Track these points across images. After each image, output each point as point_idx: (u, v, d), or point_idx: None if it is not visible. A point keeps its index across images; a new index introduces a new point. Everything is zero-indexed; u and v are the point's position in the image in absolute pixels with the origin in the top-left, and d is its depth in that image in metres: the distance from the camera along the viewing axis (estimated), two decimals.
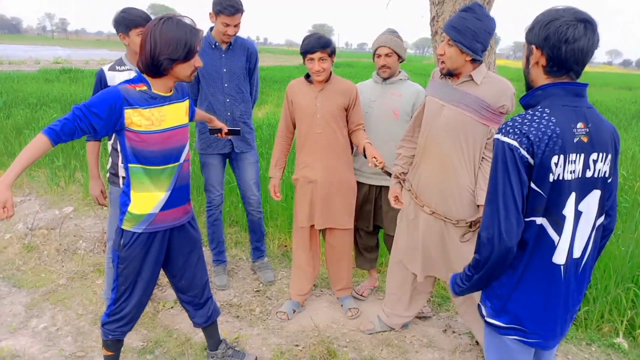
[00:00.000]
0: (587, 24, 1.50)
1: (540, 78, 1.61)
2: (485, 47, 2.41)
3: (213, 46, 3.31)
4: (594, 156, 1.56)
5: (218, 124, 2.81)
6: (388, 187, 3.15)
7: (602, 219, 1.67)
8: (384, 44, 3.01)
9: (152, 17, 2.21)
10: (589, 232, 1.63)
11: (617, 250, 3.57)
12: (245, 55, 3.41)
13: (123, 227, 2.20)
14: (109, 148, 2.93)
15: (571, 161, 1.52)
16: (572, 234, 1.59)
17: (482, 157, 2.50)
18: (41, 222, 4.71)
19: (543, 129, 1.50)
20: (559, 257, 1.59)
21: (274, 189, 3.24)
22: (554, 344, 1.73)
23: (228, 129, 2.84)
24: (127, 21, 2.70)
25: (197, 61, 2.10)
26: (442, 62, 2.45)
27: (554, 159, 1.50)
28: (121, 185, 2.85)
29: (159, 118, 2.10)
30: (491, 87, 2.44)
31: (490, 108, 2.43)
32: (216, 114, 3.36)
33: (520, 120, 1.54)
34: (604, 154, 1.58)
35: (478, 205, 2.51)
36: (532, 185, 1.53)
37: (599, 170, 1.58)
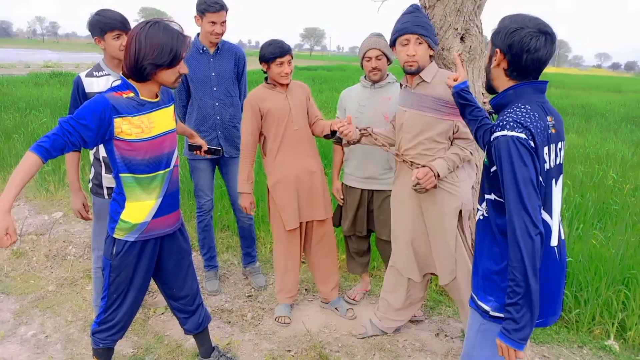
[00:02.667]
0: (548, 36, 1.63)
1: (502, 79, 1.73)
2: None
3: (201, 51, 3.30)
4: (559, 145, 1.71)
5: (198, 140, 2.77)
6: (380, 190, 3.17)
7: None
8: (374, 46, 3.02)
9: (141, 20, 2.17)
10: (559, 212, 1.75)
11: (608, 252, 3.59)
12: (233, 59, 3.41)
13: (115, 235, 2.17)
14: (91, 158, 2.80)
15: (552, 150, 1.66)
16: (559, 217, 1.72)
17: (451, 143, 2.59)
18: (30, 228, 4.66)
19: (536, 123, 1.60)
20: (554, 240, 1.70)
21: (249, 205, 3.15)
22: (554, 320, 1.80)
23: (208, 148, 2.79)
24: (101, 24, 2.56)
25: (182, 67, 2.06)
26: (413, 62, 2.49)
27: (545, 149, 1.62)
28: (105, 196, 2.76)
29: (149, 125, 2.07)
30: (444, 84, 2.46)
31: (449, 103, 2.47)
32: (205, 118, 3.35)
33: (515, 116, 1.61)
34: (563, 142, 1.74)
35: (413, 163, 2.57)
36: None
37: (562, 156, 1.75)
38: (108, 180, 2.72)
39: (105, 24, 2.56)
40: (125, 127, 2.00)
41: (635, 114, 15.37)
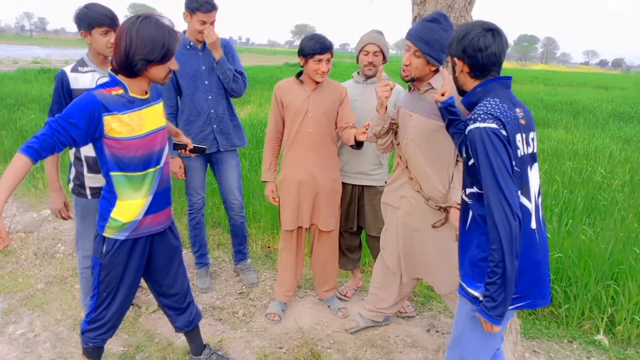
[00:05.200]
0: (494, 32, 1.78)
1: (468, 82, 1.89)
2: (447, 56, 2.41)
3: (188, 46, 3.26)
4: (531, 135, 1.82)
5: (184, 139, 2.72)
6: (370, 186, 3.17)
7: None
8: (374, 41, 3.01)
9: (129, 15, 2.13)
10: (537, 198, 1.84)
11: (597, 248, 3.62)
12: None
13: (105, 234, 2.13)
14: (71, 157, 2.70)
15: (524, 139, 1.77)
16: (536, 201, 1.81)
17: (457, 160, 2.50)
18: (19, 225, 4.61)
19: (505, 112, 1.72)
20: (533, 222, 1.80)
21: (271, 193, 3.17)
22: (544, 302, 1.86)
23: (193, 146, 2.74)
24: (89, 19, 2.46)
25: (172, 64, 2.03)
26: (407, 71, 2.43)
27: (517, 136, 1.73)
28: (89, 197, 2.69)
29: (139, 122, 2.04)
30: (453, 90, 2.43)
31: None
32: (200, 112, 3.32)
33: (485, 108, 1.73)
34: (534, 132, 1.85)
35: (441, 207, 2.49)
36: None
37: (535, 146, 1.85)
38: (91, 180, 2.66)
39: (93, 19, 2.49)
40: (115, 125, 1.97)
41: (622, 111, 15.54)
